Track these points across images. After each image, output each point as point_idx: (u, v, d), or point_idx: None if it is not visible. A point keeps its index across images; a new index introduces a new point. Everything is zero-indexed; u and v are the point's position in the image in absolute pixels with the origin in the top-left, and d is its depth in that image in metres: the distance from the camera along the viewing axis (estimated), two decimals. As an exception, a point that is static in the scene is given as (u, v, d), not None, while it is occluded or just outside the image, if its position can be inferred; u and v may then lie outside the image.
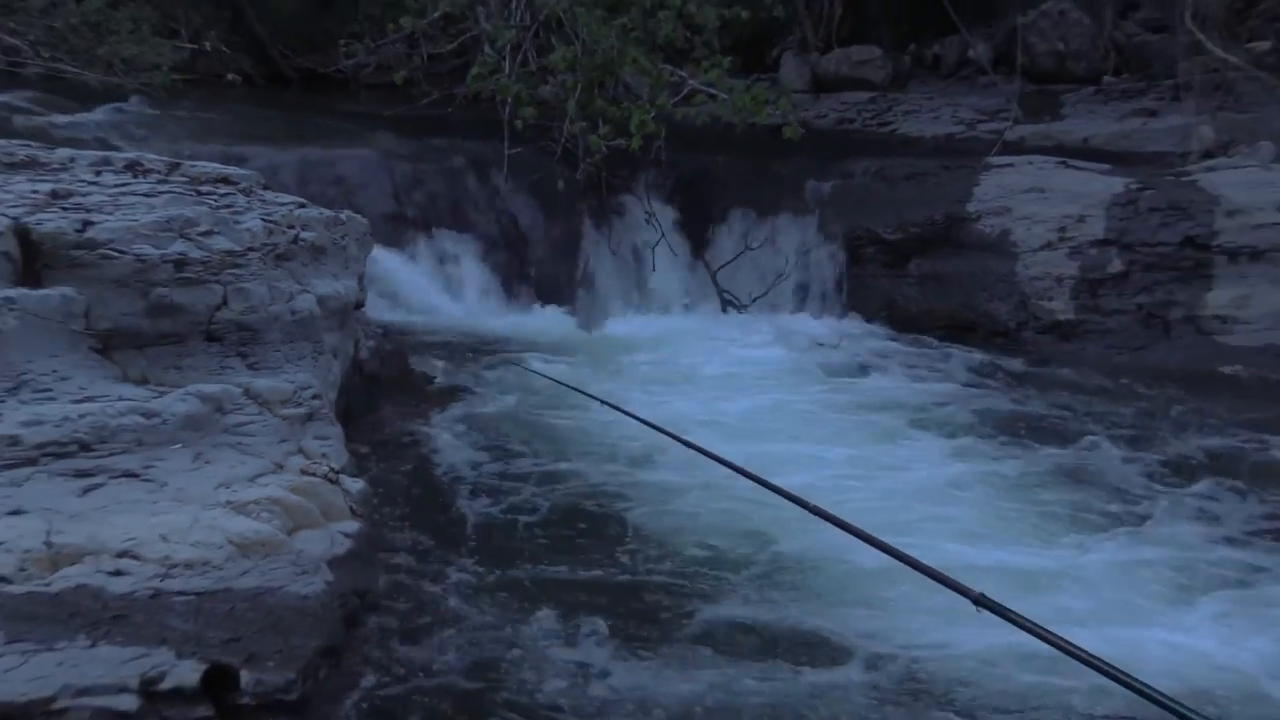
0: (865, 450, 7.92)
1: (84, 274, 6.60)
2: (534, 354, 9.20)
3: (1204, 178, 10.93)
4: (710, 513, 6.80)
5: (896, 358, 10.04)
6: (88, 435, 5.86)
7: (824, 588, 6.16)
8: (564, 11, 10.91)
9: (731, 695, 5.21)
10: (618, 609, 5.88)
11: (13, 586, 4.89)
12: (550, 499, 7.03)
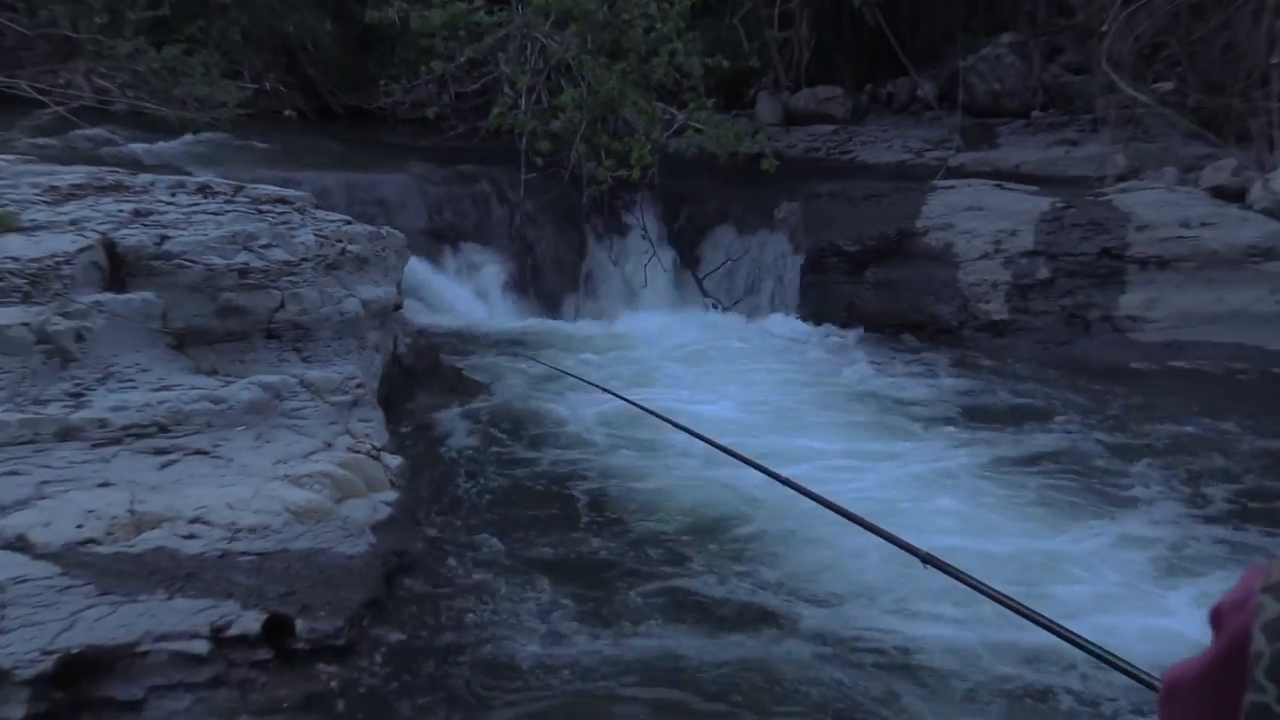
0: (841, 436, 7.91)
1: (162, 281, 6.60)
2: (546, 350, 9.17)
3: (1117, 198, 10.92)
4: (697, 490, 6.77)
5: (856, 351, 10.03)
6: (165, 418, 5.85)
7: (790, 557, 6.09)
8: (572, 58, 10.90)
9: (698, 656, 5.15)
10: (614, 576, 5.83)
11: (102, 547, 4.89)
12: (558, 476, 7.02)
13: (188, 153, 10.77)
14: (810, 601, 5.59)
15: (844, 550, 5.85)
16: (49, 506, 5.08)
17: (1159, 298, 10.26)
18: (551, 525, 6.30)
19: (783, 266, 10.91)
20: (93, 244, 6.65)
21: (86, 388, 5.94)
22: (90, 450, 5.56)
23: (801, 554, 6.06)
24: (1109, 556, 6.26)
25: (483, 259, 10.54)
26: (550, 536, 6.15)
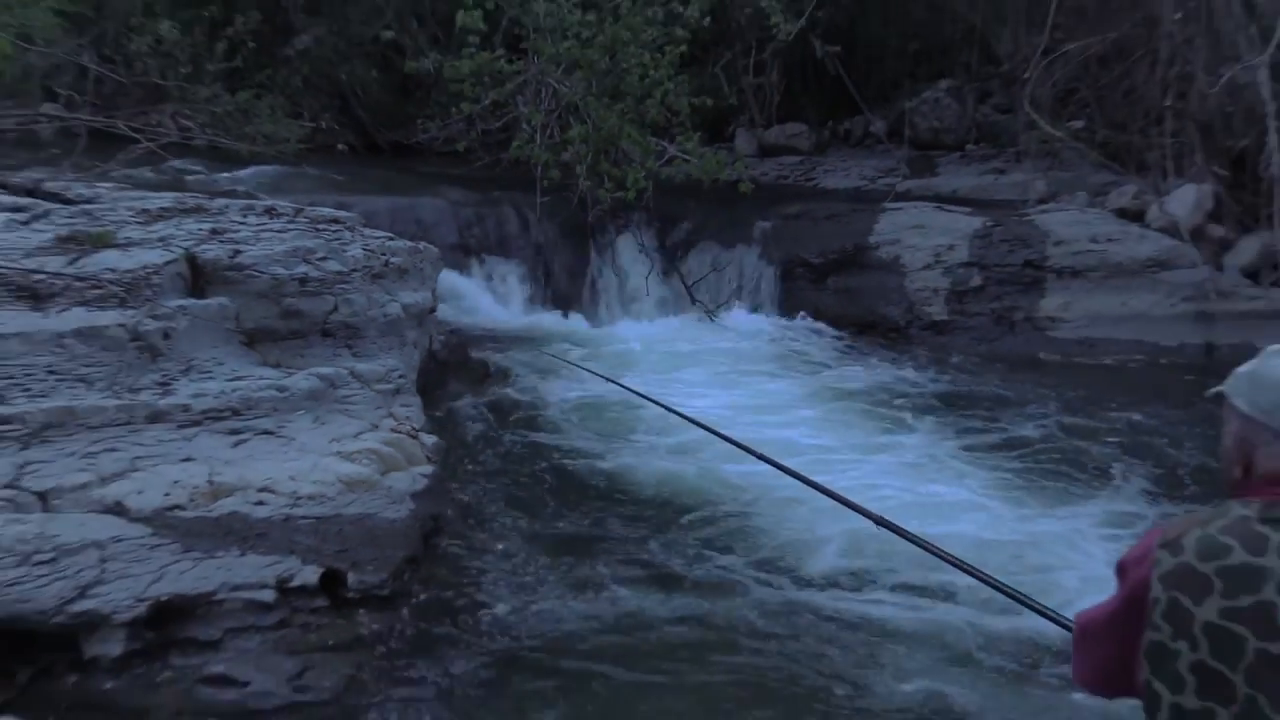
0: (810, 415, 7.97)
1: (235, 288, 6.63)
2: (558, 345, 9.19)
3: (1038, 218, 10.93)
4: (686, 466, 6.77)
5: (821, 344, 10.06)
6: (238, 404, 5.88)
7: (763, 524, 6.11)
8: (579, 100, 10.90)
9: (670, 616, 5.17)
10: (613, 541, 5.86)
11: (185, 512, 4.93)
12: (568, 453, 7.05)
13: (256, 181, 10.78)
14: (784, 570, 5.57)
15: (825, 520, 5.79)
16: (141, 478, 5.11)
17: (1072, 302, 10.27)
18: (563, 496, 6.32)
19: (758, 275, 10.90)
20: (177, 257, 6.67)
21: (172, 378, 5.96)
22: (175, 430, 5.59)
23: (775, 524, 6.04)
24: (1009, 501, 6.41)
25: (504, 269, 10.54)
26: (562, 506, 6.17)
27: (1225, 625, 1.73)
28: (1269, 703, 1.69)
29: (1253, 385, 1.91)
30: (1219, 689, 1.72)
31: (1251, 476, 1.89)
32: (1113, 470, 7.05)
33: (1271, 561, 1.73)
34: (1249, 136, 10.13)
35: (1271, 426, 1.86)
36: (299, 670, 4.23)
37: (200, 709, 4.06)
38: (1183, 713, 1.74)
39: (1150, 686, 1.78)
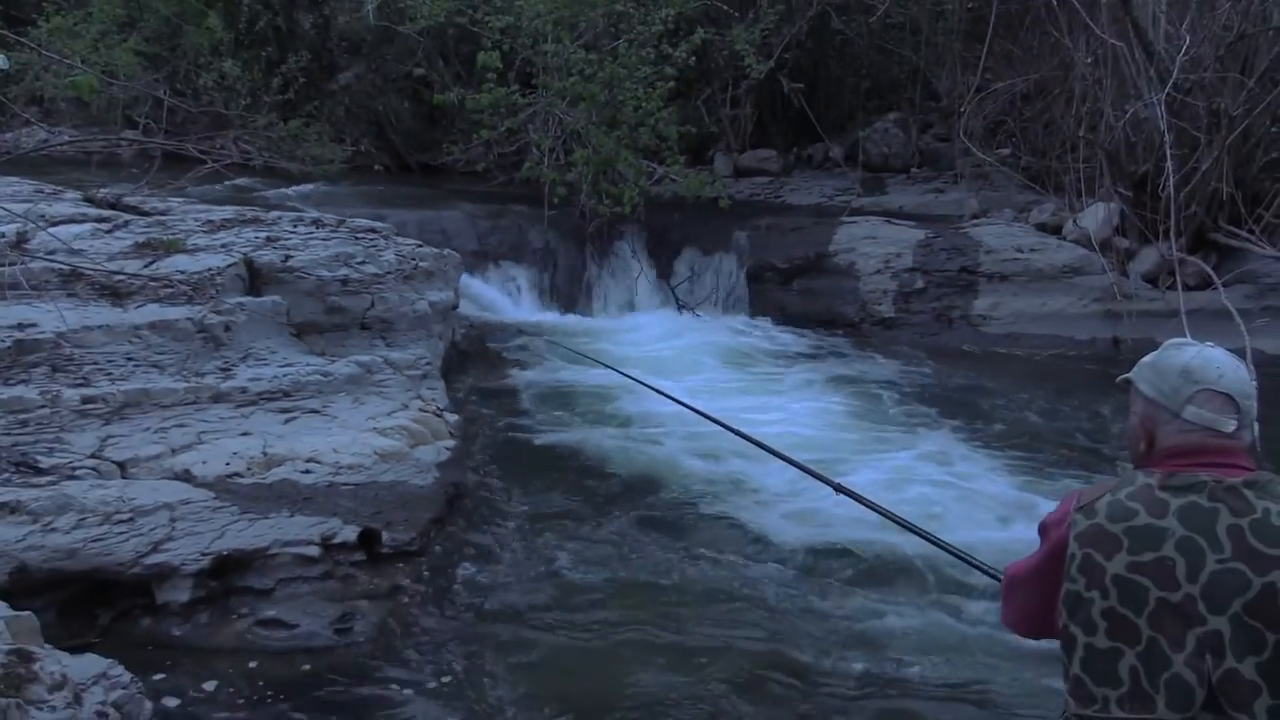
0: (780, 393, 7.96)
1: (286, 288, 6.59)
2: (562, 337, 9.15)
3: (972, 230, 10.88)
4: (681, 450, 6.65)
5: (785, 338, 10.01)
6: (288, 387, 5.86)
7: (735, 492, 6.08)
8: (581, 128, 10.84)
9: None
10: (612, 507, 5.83)
11: (243, 479, 4.91)
12: (573, 431, 6.98)
13: (305, 197, 10.72)
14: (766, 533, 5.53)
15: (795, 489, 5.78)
16: (206, 449, 5.08)
17: (1001, 302, 10.24)
18: (567, 467, 6.28)
19: (733, 278, 10.85)
20: (237, 261, 6.63)
21: (232, 364, 5.93)
22: (235, 409, 5.56)
23: (759, 493, 6.00)
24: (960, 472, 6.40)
25: (516, 272, 10.48)
26: (566, 475, 6.13)
27: (1131, 577, 1.73)
28: (1168, 644, 1.69)
29: (1155, 373, 1.92)
30: (1126, 632, 1.73)
31: (1153, 451, 1.90)
32: (1033, 444, 7.05)
33: (1171, 523, 1.74)
34: (1149, 162, 10.09)
35: (1170, 408, 1.87)
36: (341, 615, 4.21)
37: (256, 647, 4.04)
38: (1095, 652, 1.75)
39: (1067, 630, 1.79)
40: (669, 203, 11.18)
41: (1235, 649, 1.67)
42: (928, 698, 3.99)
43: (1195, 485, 1.77)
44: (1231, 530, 1.72)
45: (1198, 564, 1.71)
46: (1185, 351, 1.90)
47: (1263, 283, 9.73)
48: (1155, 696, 1.69)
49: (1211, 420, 1.83)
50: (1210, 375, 1.85)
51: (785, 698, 3.91)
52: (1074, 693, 1.76)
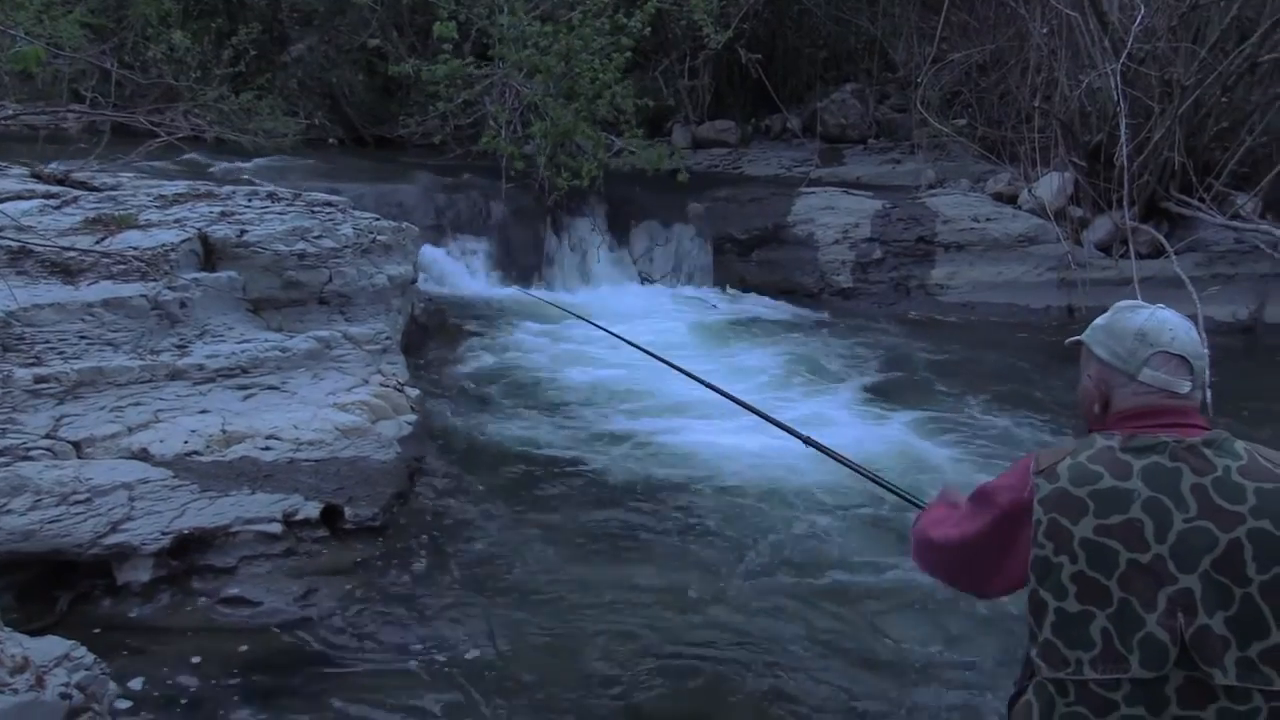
0: (742, 358, 8.02)
1: (242, 263, 6.50)
2: (522, 310, 9.13)
3: (929, 200, 10.97)
4: (645, 418, 6.73)
5: (745, 307, 10.05)
6: (246, 363, 5.79)
7: (704, 443, 6.18)
8: (538, 100, 10.75)
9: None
10: (575, 465, 5.87)
11: (203, 457, 4.87)
12: (532, 398, 7.01)
13: (259, 170, 10.56)
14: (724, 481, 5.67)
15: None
16: (163, 428, 5.02)
17: (957, 271, 10.35)
18: (527, 437, 6.29)
19: (693, 250, 10.85)
20: (191, 236, 6.53)
21: (188, 341, 5.85)
22: (192, 387, 5.49)
23: (713, 442, 6.15)
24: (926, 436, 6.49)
25: (475, 246, 10.39)
26: (526, 445, 6.15)
27: (1100, 540, 1.75)
28: (1140, 604, 1.72)
29: (1109, 336, 1.93)
30: (1096, 595, 1.74)
31: (1109, 413, 1.92)
32: (989, 405, 7.17)
33: (1136, 485, 1.76)
34: (1103, 132, 10.21)
35: (1126, 371, 1.89)
36: (304, 591, 4.20)
37: (219, 625, 4.02)
38: (1066, 616, 1.75)
39: (1037, 595, 1.79)
40: (628, 175, 11.15)
41: (1206, 605, 1.70)
42: (900, 655, 4.05)
43: (1156, 446, 1.79)
44: (1195, 489, 1.75)
45: (1165, 524, 1.74)
46: (1139, 314, 1.92)
47: (1213, 251, 9.90)
48: (1129, 656, 1.71)
49: (1166, 382, 1.86)
50: (1164, 338, 1.88)
51: (754, 658, 3.96)
52: (1046, 657, 1.77)
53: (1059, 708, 1.75)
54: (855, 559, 4.84)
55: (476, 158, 11.68)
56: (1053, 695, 1.76)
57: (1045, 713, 1.76)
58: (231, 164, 10.67)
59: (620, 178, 11.07)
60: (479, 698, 3.66)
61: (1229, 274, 9.72)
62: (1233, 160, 9.84)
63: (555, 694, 3.71)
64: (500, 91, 11.26)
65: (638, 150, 11.02)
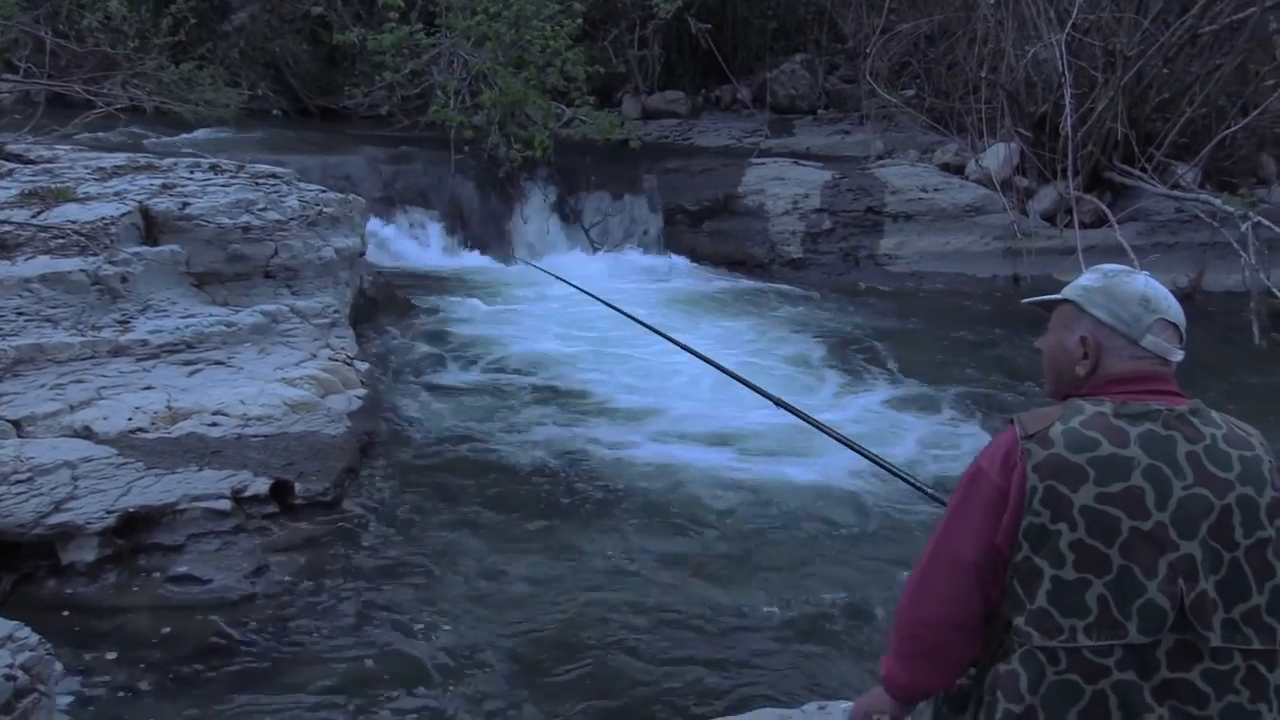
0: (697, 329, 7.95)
1: (185, 236, 6.39)
2: (473, 283, 9.07)
3: (878, 171, 11.04)
4: (599, 386, 6.74)
5: (697, 278, 10.05)
6: (191, 338, 5.70)
7: (670, 403, 6.23)
8: (488, 69, 10.64)
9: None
10: (525, 432, 5.86)
11: (148, 434, 4.79)
12: (482, 369, 6.99)
13: (201, 142, 10.34)
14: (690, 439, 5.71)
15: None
16: (106, 405, 4.93)
17: (905, 241, 10.43)
18: (477, 407, 6.28)
19: (644, 220, 10.83)
20: (132, 209, 6.40)
21: (131, 317, 5.74)
22: (136, 363, 5.40)
23: (680, 401, 6.19)
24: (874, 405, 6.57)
25: (424, 218, 10.27)
26: (476, 415, 6.13)
27: (1101, 508, 1.73)
28: (1141, 571, 1.72)
29: (1110, 299, 1.90)
30: (1095, 563, 1.73)
31: (1095, 376, 1.89)
32: (937, 372, 7.27)
33: (1135, 452, 1.76)
34: (1048, 103, 10.33)
35: (1129, 335, 1.87)
36: (255, 568, 4.15)
37: (168, 604, 3.96)
38: (1063, 584, 1.74)
39: (1030, 563, 1.76)
40: (578, 145, 11.08)
41: (1204, 570, 1.73)
42: (867, 615, 4.10)
43: (1150, 414, 1.79)
44: (1190, 457, 1.77)
45: (1165, 491, 1.74)
46: (1136, 279, 1.92)
47: (1154, 220, 10.07)
48: (1126, 623, 1.72)
49: (1165, 349, 1.87)
50: (1164, 305, 1.89)
51: (720, 626, 3.98)
52: (1038, 625, 1.74)
53: (1049, 675, 1.74)
54: (819, 527, 4.89)
55: (425, 129, 11.54)
56: (1043, 663, 1.75)
57: (1034, 681, 1.75)
58: (172, 136, 10.44)
59: (571, 148, 11.00)
60: (432, 672, 3.65)
61: (1169, 243, 9.90)
62: (1173, 131, 10.00)
63: (510, 667, 3.71)
64: (448, 60, 11.12)
65: (588, 119, 10.95)
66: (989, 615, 1.86)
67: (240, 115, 11.28)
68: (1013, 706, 1.76)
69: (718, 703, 3.45)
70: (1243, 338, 7.61)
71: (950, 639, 1.90)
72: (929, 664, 1.94)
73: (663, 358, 6.87)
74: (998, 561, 1.82)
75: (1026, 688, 1.75)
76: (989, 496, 1.83)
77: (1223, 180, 10.07)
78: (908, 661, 1.96)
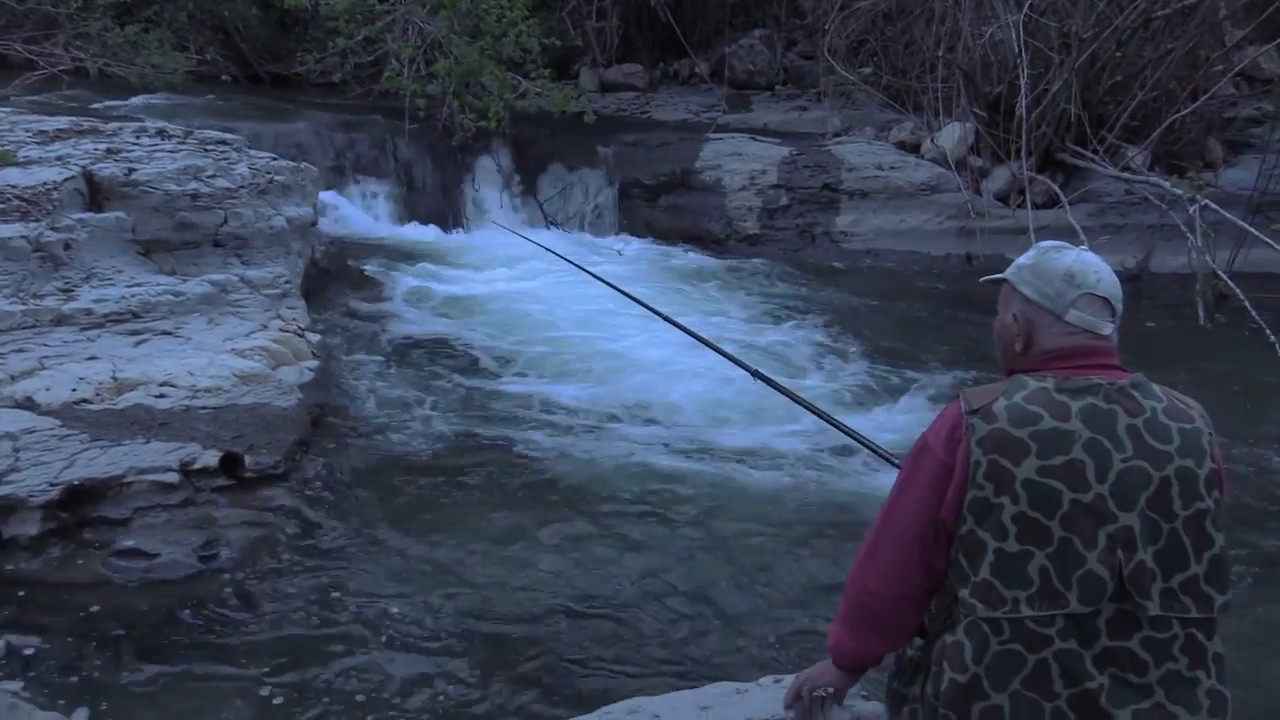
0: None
1: (131, 203, 6.26)
2: (424, 255, 8.99)
3: (834, 148, 11.08)
4: (552, 350, 6.76)
5: (654, 252, 10.01)
6: (137, 308, 5.61)
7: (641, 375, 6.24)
8: (443, 37, 10.50)
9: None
10: (482, 396, 5.85)
11: (93, 405, 4.72)
12: (435, 338, 6.95)
13: (147, 107, 10.11)
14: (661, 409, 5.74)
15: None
16: (49, 375, 4.84)
17: (861, 219, 10.49)
18: (430, 378, 6.26)
19: (601, 195, 10.78)
20: (75, 174, 6.25)
21: (74, 285, 5.63)
22: (79, 333, 5.29)
23: (651, 373, 6.23)
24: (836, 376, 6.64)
25: (377, 188, 10.15)
26: (429, 386, 6.11)
27: (1043, 481, 1.77)
28: (1081, 542, 1.76)
29: (1037, 275, 1.93)
30: (1037, 534, 1.77)
31: (1031, 352, 1.92)
32: (891, 347, 7.36)
33: (1076, 426, 1.79)
34: (1004, 83, 10.41)
35: (1053, 311, 1.90)
36: (204, 542, 4.10)
37: (115, 579, 3.90)
38: (1005, 556, 1.78)
39: (974, 537, 1.80)
40: (534, 117, 11.00)
41: (1143, 541, 1.77)
42: (822, 589, 4.14)
43: (1091, 388, 1.83)
44: (1130, 430, 1.81)
45: (1105, 464, 1.78)
46: (1066, 255, 1.95)
47: (1104, 201, 10.22)
48: (1067, 593, 1.76)
49: (1091, 323, 1.89)
50: (1091, 279, 1.91)
51: (672, 603, 4.01)
52: (983, 596, 1.79)
53: (992, 646, 1.78)
54: (783, 495, 4.93)
55: (378, 97, 11.39)
56: (986, 634, 1.79)
57: (978, 652, 1.79)
58: (117, 101, 10.19)
59: (526, 120, 10.91)
60: (385, 646, 3.64)
61: (1119, 224, 10.05)
62: (1125, 114, 10.13)
63: (461, 641, 3.71)
64: (403, 28, 10.96)
65: (544, 91, 10.86)
66: (935, 586, 1.91)
67: (188, 80, 11.07)
68: (958, 676, 1.80)
69: (673, 679, 3.47)
70: (1189, 318, 7.75)
71: (896, 608, 1.95)
72: (875, 632, 2.00)
73: (619, 325, 6.89)
74: (943, 535, 1.86)
75: (971, 658, 1.79)
76: (934, 471, 1.87)
77: (1171, 163, 10.23)
78: (855, 629, 2.02)
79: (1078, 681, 1.75)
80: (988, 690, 1.78)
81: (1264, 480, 5.34)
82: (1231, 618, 1.84)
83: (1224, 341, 7.47)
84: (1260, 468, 5.47)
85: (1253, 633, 3.90)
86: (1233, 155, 10.79)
